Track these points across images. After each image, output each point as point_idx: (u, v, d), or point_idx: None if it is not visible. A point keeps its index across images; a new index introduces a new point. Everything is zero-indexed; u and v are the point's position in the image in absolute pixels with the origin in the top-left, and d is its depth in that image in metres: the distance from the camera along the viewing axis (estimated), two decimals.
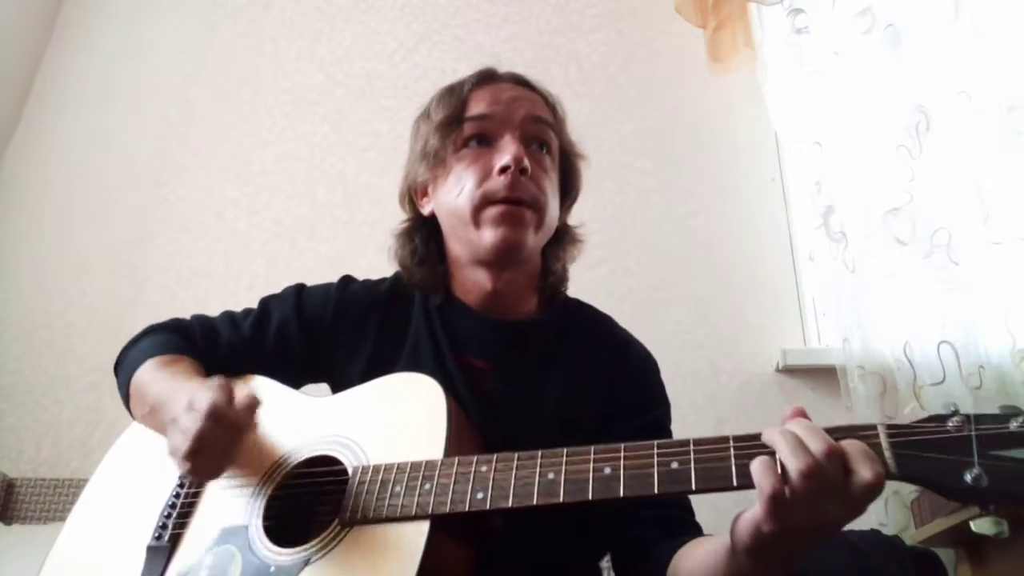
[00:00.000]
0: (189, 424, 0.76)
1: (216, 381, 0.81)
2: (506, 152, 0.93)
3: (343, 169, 2.27)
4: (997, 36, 1.54)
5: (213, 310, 1.10)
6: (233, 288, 2.09)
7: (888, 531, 1.55)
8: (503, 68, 1.06)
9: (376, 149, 2.27)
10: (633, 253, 2.13)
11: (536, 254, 1.02)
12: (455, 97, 0.99)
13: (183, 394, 0.83)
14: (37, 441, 1.93)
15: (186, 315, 1.10)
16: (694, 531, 0.89)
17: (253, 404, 0.80)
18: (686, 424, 1.89)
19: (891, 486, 1.65)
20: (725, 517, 0.69)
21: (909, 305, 1.65)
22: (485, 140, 0.96)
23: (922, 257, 1.62)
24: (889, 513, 1.64)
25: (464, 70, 1.05)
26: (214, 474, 0.81)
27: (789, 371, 1.98)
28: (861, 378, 1.72)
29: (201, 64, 2.43)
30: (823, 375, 1.93)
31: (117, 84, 2.41)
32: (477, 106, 0.98)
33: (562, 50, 2.41)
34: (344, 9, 2.50)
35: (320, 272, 1.11)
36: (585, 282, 1.15)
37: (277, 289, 1.09)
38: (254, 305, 1.08)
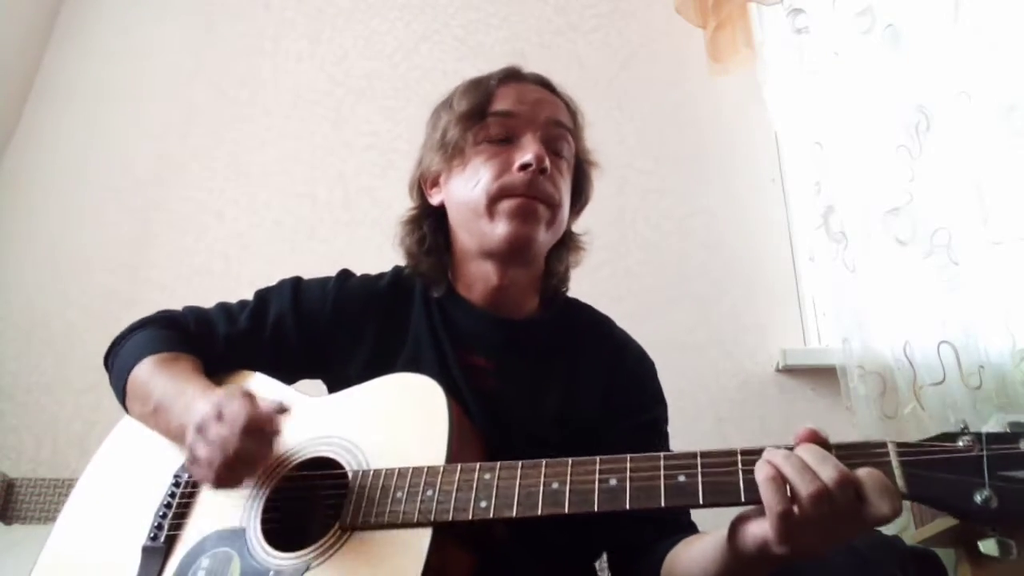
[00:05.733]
0: (223, 436, 0.75)
1: (237, 389, 0.80)
2: (528, 150, 0.93)
3: (343, 169, 2.27)
4: (997, 36, 1.54)
5: None
6: (233, 288, 2.05)
7: (888, 531, 1.55)
8: (528, 69, 1.06)
9: (376, 149, 2.27)
10: (633, 253, 2.13)
11: (542, 254, 1.02)
12: (480, 91, 0.99)
13: (198, 400, 0.82)
14: (37, 441, 1.93)
15: None
16: (689, 529, 0.89)
17: (281, 412, 0.79)
18: (686, 424, 1.90)
19: None
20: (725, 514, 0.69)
21: (909, 305, 1.65)
22: (506, 137, 0.96)
23: (922, 257, 1.62)
24: None
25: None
26: (237, 485, 0.79)
27: (789, 371, 1.98)
28: (861, 378, 1.72)
29: (201, 64, 2.43)
30: (823, 375, 1.92)
31: (117, 84, 2.41)
32: (502, 102, 0.98)
33: (562, 50, 2.41)
34: (344, 9, 2.50)
35: (321, 272, 1.11)
36: (585, 283, 1.15)
37: None
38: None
